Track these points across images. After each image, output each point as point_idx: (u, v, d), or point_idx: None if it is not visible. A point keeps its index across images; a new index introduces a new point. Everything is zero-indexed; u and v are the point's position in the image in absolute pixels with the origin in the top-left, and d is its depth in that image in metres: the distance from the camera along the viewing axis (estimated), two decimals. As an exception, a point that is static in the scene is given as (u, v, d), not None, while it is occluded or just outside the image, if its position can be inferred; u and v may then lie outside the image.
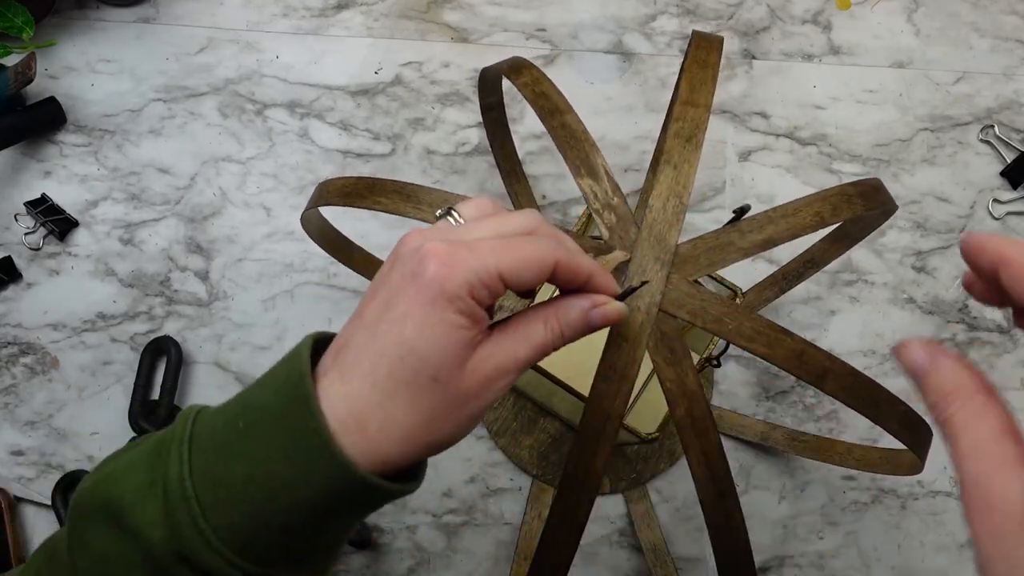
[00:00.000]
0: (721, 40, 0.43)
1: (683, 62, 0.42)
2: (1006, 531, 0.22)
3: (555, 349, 0.33)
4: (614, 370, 0.37)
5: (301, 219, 0.50)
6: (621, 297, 0.34)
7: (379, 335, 0.29)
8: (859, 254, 0.69)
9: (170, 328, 0.65)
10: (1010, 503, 0.22)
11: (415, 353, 0.29)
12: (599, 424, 0.36)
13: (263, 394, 0.30)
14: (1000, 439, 0.24)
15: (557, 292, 0.34)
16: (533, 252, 0.30)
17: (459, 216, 0.32)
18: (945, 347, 0.27)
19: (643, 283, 0.37)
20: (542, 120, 0.42)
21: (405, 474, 0.31)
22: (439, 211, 0.34)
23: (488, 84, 0.56)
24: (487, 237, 0.31)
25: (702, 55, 0.41)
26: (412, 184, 0.39)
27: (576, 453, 0.37)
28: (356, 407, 0.29)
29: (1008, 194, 0.71)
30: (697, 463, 0.37)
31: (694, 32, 0.43)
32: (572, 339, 0.33)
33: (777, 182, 0.70)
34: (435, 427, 0.30)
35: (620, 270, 0.38)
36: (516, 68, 0.46)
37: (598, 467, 0.36)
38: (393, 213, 0.38)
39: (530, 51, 0.72)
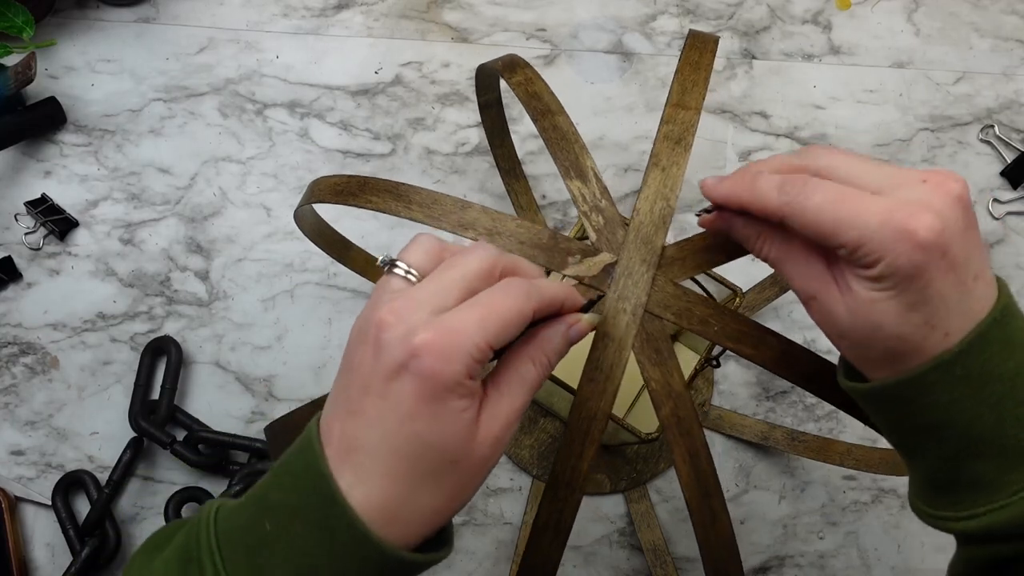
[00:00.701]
0: (716, 39, 0.43)
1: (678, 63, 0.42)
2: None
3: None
4: (600, 371, 0.37)
5: (294, 216, 0.50)
6: (585, 308, 0.35)
7: (389, 435, 0.29)
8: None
9: (170, 328, 0.65)
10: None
11: (430, 447, 0.29)
12: (585, 425, 0.37)
13: (283, 494, 0.31)
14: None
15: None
16: (513, 309, 0.30)
17: (408, 267, 0.32)
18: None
19: (599, 297, 0.37)
20: (534, 121, 0.42)
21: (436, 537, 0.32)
22: (381, 261, 0.33)
23: (485, 81, 0.56)
24: (460, 303, 0.30)
25: (695, 56, 0.41)
26: (404, 184, 0.39)
27: (563, 454, 0.37)
28: (383, 504, 0.29)
29: (1008, 194, 0.71)
30: (682, 462, 0.37)
31: (690, 31, 0.43)
32: (557, 363, 0.34)
33: (777, 182, 0.70)
34: (460, 497, 0.31)
35: (607, 272, 0.38)
36: (510, 66, 0.46)
37: (584, 468, 0.36)
38: (384, 212, 0.38)
39: (530, 51, 0.72)
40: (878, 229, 0.29)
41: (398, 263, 0.32)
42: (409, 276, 0.32)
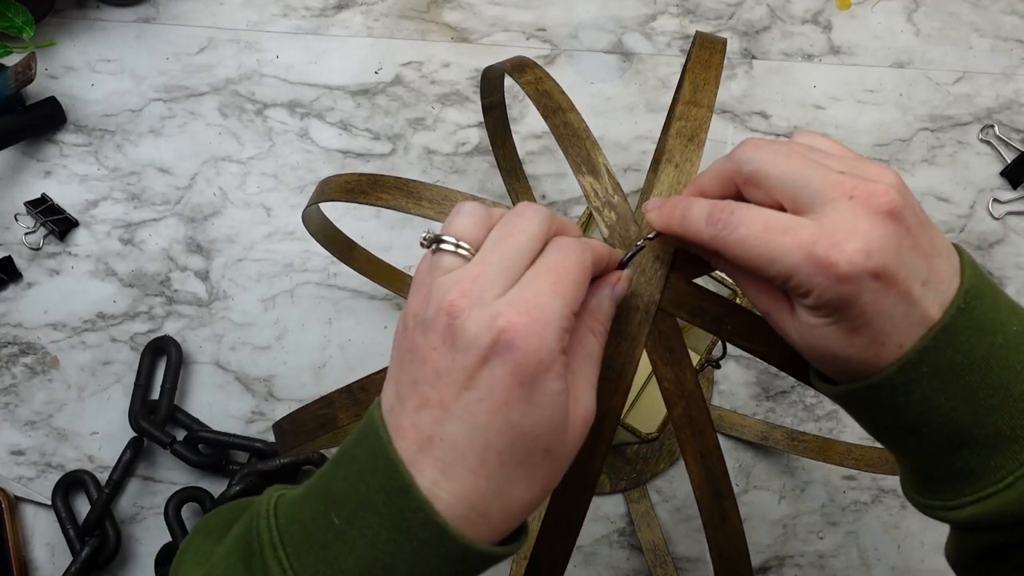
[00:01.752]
0: (724, 42, 0.43)
1: (685, 62, 0.42)
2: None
3: None
4: (612, 369, 0.36)
5: (303, 216, 0.50)
6: (623, 266, 0.35)
7: (480, 428, 0.27)
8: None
9: (170, 328, 0.65)
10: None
11: (525, 435, 0.28)
12: (597, 423, 0.36)
13: (350, 485, 0.29)
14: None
15: None
16: (579, 268, 0.29)
17: (457, 241, 0.30)
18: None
19: (638, 250, 0.36)
20: (545, 118, 0.42)
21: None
22: (425, 238, 0.30)
23: (490, 83, 0.56)
24: (530, 272, 0.29)
25: (705, 55, 0.41)
26: (414, 181, 0.39)
27: None
28: (474, 501, 0.28)
29: (1008, 194, 0.71)
30: (694, 462, 0.37)
31: (697, 33, 0.43)
32: (609, 328, 0.33)
33: (777, 182, 0.70)
34: (550, 488, 0.30)
35: (619, 267, 0.38)
36: (519, 67, 0.46)
37: (596, 466, 0.36)
38: (395, 209, 0.38)
39: (530, 51, 0.72)
40: (802, 264, 0.28)
41: (445, 238, 0.30)
42: (460, 251, 0.30)
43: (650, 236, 0.36)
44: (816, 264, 0.28)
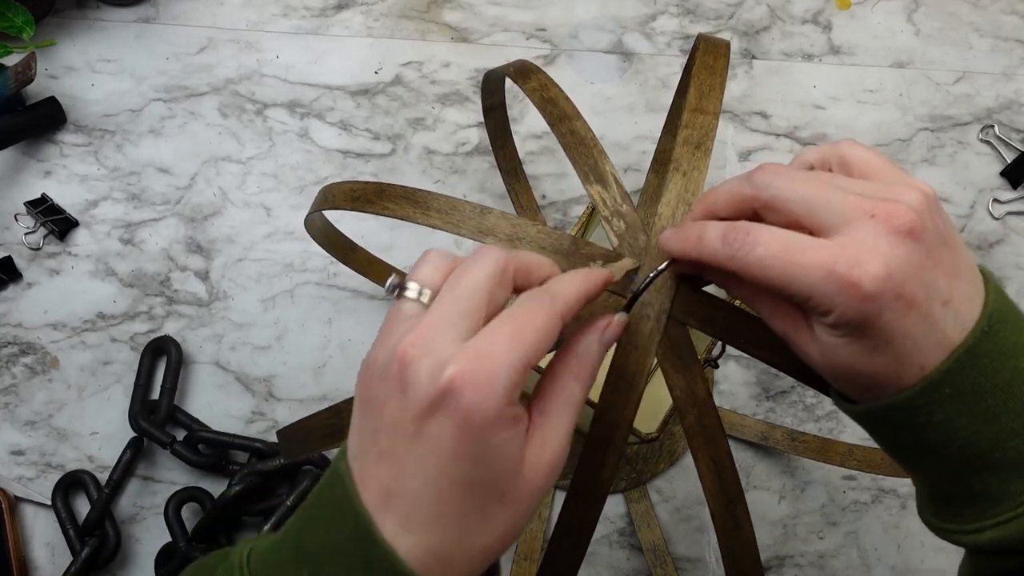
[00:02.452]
0: (728, 44, 0.42)
1: (689, 65, 0.42)
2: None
3: None
4: (623, 379, 0.36)
5: (305, 222, 0.49)
6: (635, 297, 0.34)
7: (431, 481, 0.27)
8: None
9: (170, 328, 0.65)
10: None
11: (477, 485, 0.28)
12: (607, 434, 0.36)
13: (320, 534, 0.29)
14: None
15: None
16: (542, 319, 0.28)
17: (419, 288, 0.30)
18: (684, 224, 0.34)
19: (656, 274, 0.35)
20: (551, 126, 0.41)
21: None
22: (389, 285, 0.30)
23: (490, 87, 0.56)
24: (485, 317, 0.28)
25: (710, 60, 0.41)
26: (421, 190, 0.38)
27: (584, 463, 0.36)
28: (435, 550, 0.28)
29: (1008, 194, 0.71)
30: (707, 470, 0.36)
31: (700, 36, 0.43)
32: (597, 373, 0.32)
33: (777, 182, 0.70)
34: (513, 533, 0.29)
35: (629, 277, 0.37)
36: (523, 72, 0.45)
37: (607, 477, 0.36)
38: (401, 219, 0.38)
39: (530, 51, 0.72)
40: (822, 283, 0.28)
41: (408, 284, 0.30)
42: (421, 298, 0.29)
43: (661, 268, 0.35)
44: (838, 283, 0.28)
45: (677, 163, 0.39)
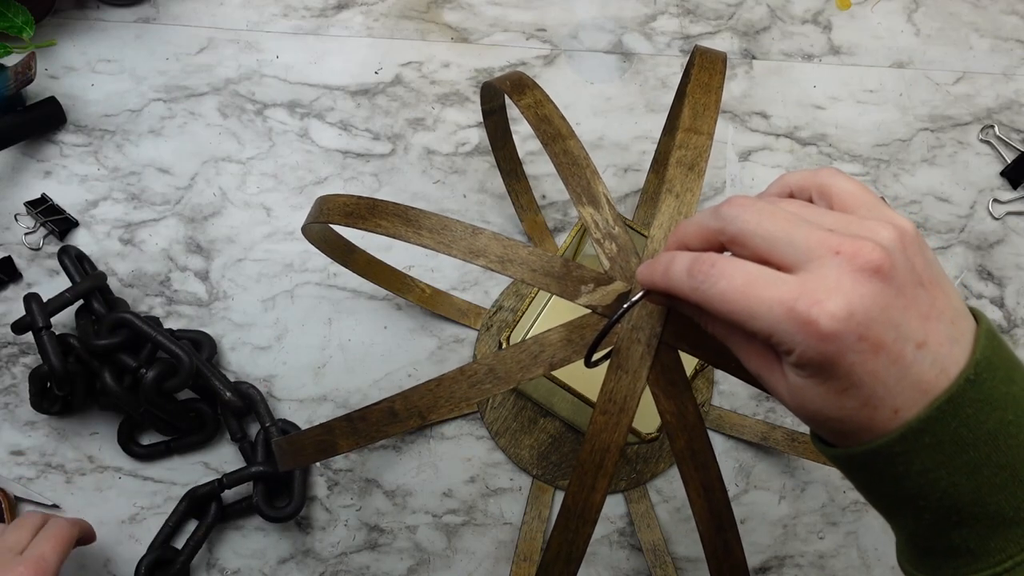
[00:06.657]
0: (724, 59, 0.42)
1: (684, 80, 0.42)
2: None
3: None
4: (613, 403, 0.36)
5: (302, 230, 0.49)
6: (613, 322, 0.34)
7: None
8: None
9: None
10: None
11: None
12: (598, 458, 0.36)
13: None
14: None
15: (532, 328, 0.33)
16: (71, 537, 0.53)
17: None
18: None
19: (634, 302, 0.34)
20: (544, 145, 0.41)
21: None
22: None
23: (490, 94, 0.56)
24: (39, 535, 0.52)
25: (705, 77, 0.41)
26: (414, 208, 0.38)
27: (575, 486, 0.36)
28: None
29: (1008, 194, 0.71)
30: (697, 496, 0.36)
31: (696, 48, 0.43)
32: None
33: (777, 182, 0.70)
34: None
35: (621, 301, 0.37)
36: (519, 87, 0.45)
37: (597, 500, 0.36)
38: (394, 237, 0.37)
39: (530, 51, 0.72)
40: (783, 320, 0.27)
41: None
42: None
43: (635, 299, 0.34)
44: (796, 321, 0.27)
45: (670, 184, 0.38)
